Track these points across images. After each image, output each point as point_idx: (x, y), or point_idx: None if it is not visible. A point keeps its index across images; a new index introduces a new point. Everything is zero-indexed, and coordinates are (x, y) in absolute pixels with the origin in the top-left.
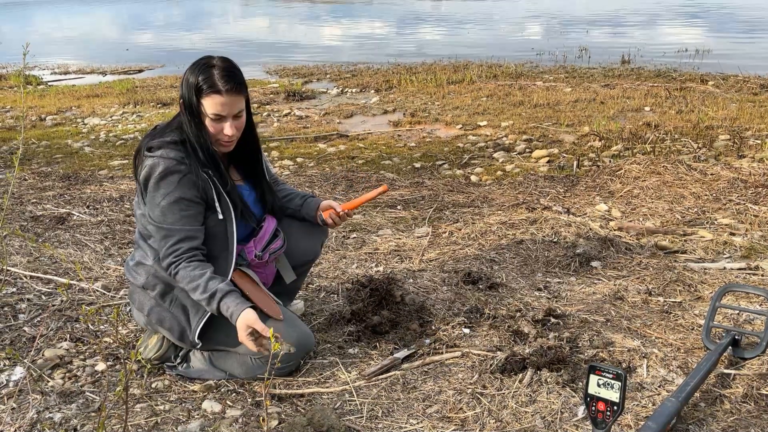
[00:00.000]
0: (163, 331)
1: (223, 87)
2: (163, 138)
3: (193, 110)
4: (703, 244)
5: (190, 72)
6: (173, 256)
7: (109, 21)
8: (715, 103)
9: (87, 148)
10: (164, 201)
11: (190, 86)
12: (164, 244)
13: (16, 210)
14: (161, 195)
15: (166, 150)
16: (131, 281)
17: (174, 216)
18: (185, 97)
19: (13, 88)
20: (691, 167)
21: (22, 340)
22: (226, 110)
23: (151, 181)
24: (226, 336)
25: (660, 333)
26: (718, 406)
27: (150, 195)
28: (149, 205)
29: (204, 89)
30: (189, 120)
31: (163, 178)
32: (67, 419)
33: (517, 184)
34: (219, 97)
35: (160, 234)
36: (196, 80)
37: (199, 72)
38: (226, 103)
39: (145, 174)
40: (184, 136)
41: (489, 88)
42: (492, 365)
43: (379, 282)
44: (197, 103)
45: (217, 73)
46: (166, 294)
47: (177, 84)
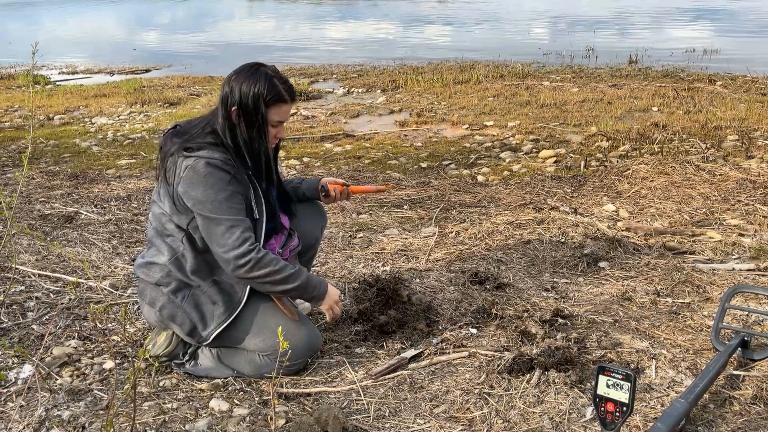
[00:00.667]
0: (174, 327)
1: (289, 96)
2: (201, 140)
3: (258, 119)
4: (712, 244)
5: (249, 81)
6: (249, 244)
7: (116, 21)
8: (723, 103)
9: (95, 148)
10: (221, 195)
11: (256, 96)
12: (232, 234)
13: (24, 209)
14: (216, 190)
15: (208, 151)
16: (143, 278)
17: (233, 209)
18: (247, 107)
19: (22, 88)
20: (700, 168)
21: (31, 338)
22: (287, 117)
23: (200, 178)
24: (237, 332)
25: (669, 334)
26: (727, 407)
27: (203, 192)
28: (202, 202)
29: (272, 99)
30: (247, 127)
31: (214, 175)
32: (75, 417)
33: (524, 184)
34: (286, 106)
35: (224, 225)
36: (262, 90)
37: (263, 82)
38: (288, 111)
39: (189, 174)
40: (222, 141)
41: (496, 88)
42: (499, 365)
43: (385, 282)
44: (264, 111)
45: (280, 83)
46: (179, 290)
47: (184, 84)
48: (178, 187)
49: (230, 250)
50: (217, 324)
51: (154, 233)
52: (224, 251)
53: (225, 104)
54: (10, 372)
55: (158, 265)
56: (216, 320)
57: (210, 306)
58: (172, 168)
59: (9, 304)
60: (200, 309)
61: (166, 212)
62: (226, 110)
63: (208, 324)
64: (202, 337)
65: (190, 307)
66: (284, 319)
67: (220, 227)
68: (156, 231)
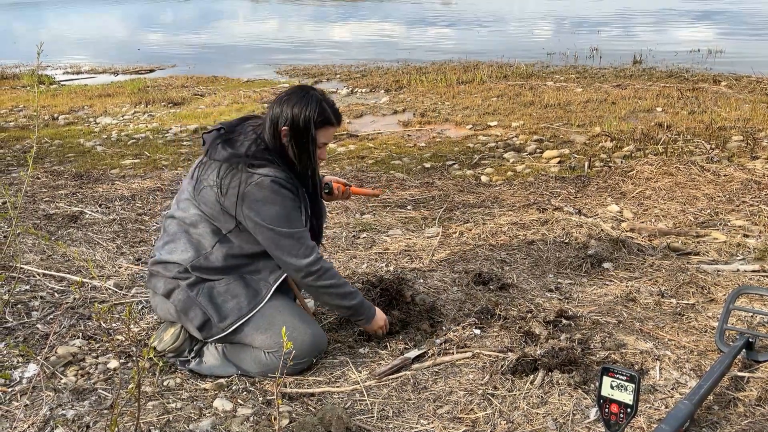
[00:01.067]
0: (185, 321)
1: (336, 120)
2: (261, 156)
3: (307, 141)
4: (717, 245)
5: (300, 104)
6: (317, 254)
7: (120, 21)
8: (728, 103)
9: (99, 147)
10: (286, 210)
11: (306, 118)
12: (301, 245)
13: (29, 208)
14: (282, 206)
15: (271, 169)
16: (160, 272)
17: (298, 222)
18: (299, 129)
19: (26, 88)
20: (704, 168)
21: (36, 337)
22: (331, 138)
23: (267, 195)
24: (247, 328)
25: (673, 335)
26: (731, 409)
27: (269, 208)
28: (270, 217)
29: (322, 122)
30: (296, 147)
31: (280, 192)
32: (79, 416)
33: (527, 185)
34: (332, 129)
35: (295, 237)
36: (314, 113)
37: (314, 105)
38: (333, 133)
39: (254, 189)
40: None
41: (499, 88)
42: (503, 366)
43: (389, 282)
44: (314, 133)
45: (329, 107)
46: (196, 285)
47: (188, 84)
48: (244, 202)
49: (303, 258)
50: (237, 317)
51: (179, 229)
52: (297, 260)
53: (275, 124)
54: (14, 371)
55: (177, 263)
56: (237, 313)
57: (230, 299)
58: (231, 181)
59: (14, 304)
60: (215, 302)
61: (205, 214)
62: (275, 130)
63: (226, 316)
64: (218, 329)
65: (205, 300)
66: (292, 317)
67: (290, 240)
68: (182, 228)
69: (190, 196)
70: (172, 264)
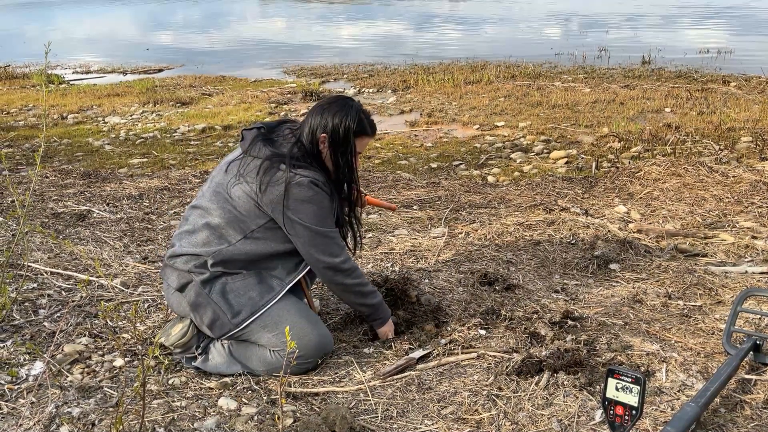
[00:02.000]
0: (196, 316)
1: (371, 131)
2: (301, 157)
3: (347, 147)
4: (725, 247)
5: (341, 114)
6: (346, 253)
7: (129, 21)
8: (737, 104)
9: (107, 147)
10: (323, 211)
11: (346, 128)
12: (334, 243)
13: (37, 207)
14: (320, 206)
15: (312, 171)
16: (177, 266)
17: (330, 223)
18: (337, 135)
19: (36, 87)
20: (713, 169)
21: (42, 335)
22: (365, 148)
23: (308, 196)
24: (255, 325)
25: (680, 337)
26: (738, 411)
27: (308, 207)
28: (307, 215)
29: (359, 131)
30: (335, 154)
31: (320, 194)
32: (85, 414)
33: (534, 185)
34: (369, 139)
35: (329, 237)
36: (352, 125)
37: (354, 116)
38: (367, 143)
39: (296, 189)
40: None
41: (507, 89)
42: (508, 367)
43: (394, 282)
44: (353, 142)
45: (365, 118)
46: (210, 281)
47: (196, 83)
48: (283, 200)
49: (335, 257)
50: (250, 312)
51: (203, 223)
52: (330, 258)
53: (314, 131)
54: (21, 369)
55: (197, 256)
56: (250, 308)
57: (243, 294)
58: (272, 178)
59: (21, 302)
60: (227, 298)
61: (235, 209)
62: (313, 136)
63: (239, 312)
64: (232, 324)
65: (218, 297)
66: (299, 318)
67: (326, 239)
68: (207, 222)
69: (221, 189)
70: (190, 256)
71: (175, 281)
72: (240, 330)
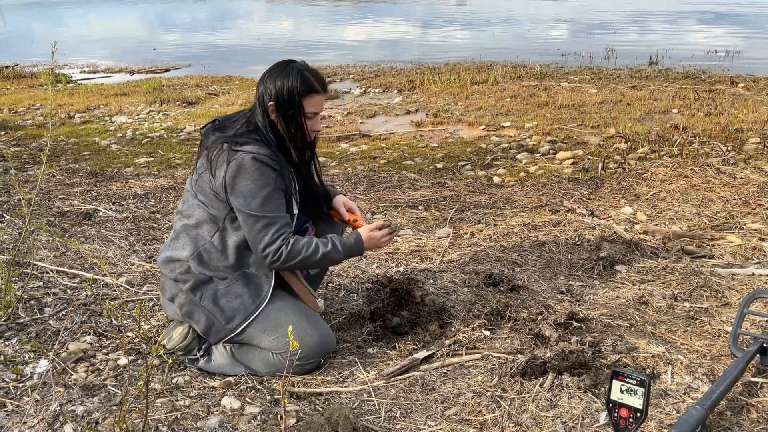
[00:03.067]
0: (192, 324)
1: (321, 87)
2: (247, 136)
3: (293, 112)
4: (732, 249)
5: (282, 76)
6: (282, 240)
7: (137, 21)
8: (745, 105)
9: (114, 146)
10: (263, 191)
11: (290, 89)
12: (268, 231)
13: (44, 205)
14: (260, 186)
15: (254, 146)
16: (165, 273)
17: (273, 205)
18: (283, 101)
19: (44, 86)
20: (720, 171)
21: (47, 333)
22: (320, 108)
23: (246, 174)
24: (253, 329)
25: (685, 339)
26: (744, 415)
27: (247, 187)
28: (244, 197)
29: (306, 90)
30: (284, 121)
31: (260, 170)
32: (89, 412)
33: (540, 186)
34: (318, 96)
35: (262, 222)
36: (295, 83)
37: (295, 76)
38: (321, 102)
39: (235, 167)
40: (265, 138)
41: (513, 89)
42: (512, 368)
43: (399, 282)
44: (299, 103)
45: (311, 75)
46: (198, 288)
47: (202, 83)
48: (226, 181)
49: (266, 247)
50: (244, 317)
51: (181, 227)
52: (261, 248)
53: (262, 102)
54: (26, 367)
55: (179, 260)
56: (243, 313)
57: (234, 299)
58: (217, 161)
59: (27, 300)
60: (219, 304)
61: (203, 203)
62: (263, 107)
63: (233, 317)
64: (226, 330)
65: (209, 303)
66: (298, 318)
67: (258, 224)
68: (184, 225)
69: (190, 188)
70: (174, 262)
71: (168, 291)
72: (236, 335)
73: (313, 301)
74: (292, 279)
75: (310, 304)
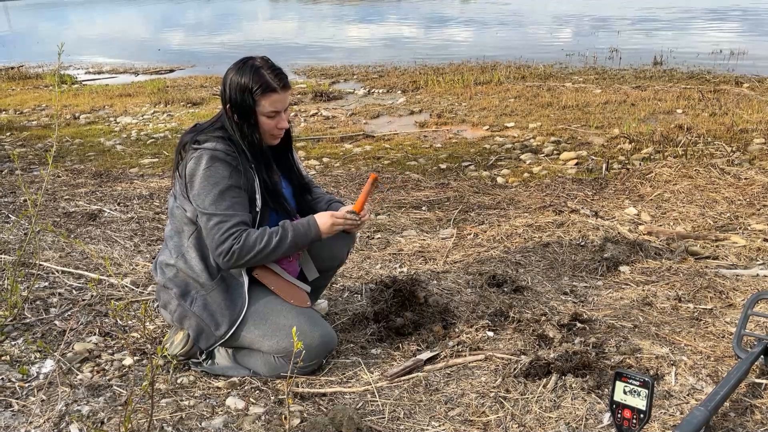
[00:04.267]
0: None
1: (278, 85)
2: (210, 133)
3: (247, 111)
4: (736, 250)
5: (237, 75)
6: (233, 238)
7: (141, 21)
8: (750, 105)
9: (119, 147)
10: (216, 189)
11: (243, 88)
12: (219, 230)
13: (49, 206)
14: (212, 183)
15: (213, 143)
16: (157, 280)
17: (227, 202)
18: (236, 100)
19: (49, 87)
20: (725, 171)
21: (53, 333)
22: (281, 106)
23: (201, 171)
24: (250, 334)
25: (689, 340)
26: (748, 416)
27: (200, 184)
28: (199, 195)
29: (260, 89)
30: (240, 121)
31: (214, 167)
32: (94, 412)
33: (544, 187)
34: (276, 95)
35: (214, 221)
36: (248, 82)
37: (250, 74)
38: (281, 100)
39: (192, 165)
40: (229, 135)
41: (517, 90)
42: (516, 369)
43: (402, 283)
44: (252, 103)
45: (268, 73)
46: (187, 294)
47: (207, 84)
48: (185, 179)
49: (217, 246)
50: (230, 323)
51: (170, 232)
52: (212, 247)
53: (223, 101)
54: (32, 367)
55: (169, 265)
56: (229, 319)
57: (220, 307)
58: (183, 160)
59: (33, 300)
60: (210, 309)
61: (180, 206)
62: (224, 107)
63: (220, 324)
64: (216, 337)
65: (199, 309)
66: (298, 320)
67: (210, 222)
68: (172, 230)
69: (172, 191)
70: (163, 268)
71: (161, 298)
72: (228, 341)
73: (300, 295)
74: (269, 278)
75: (296, 300)
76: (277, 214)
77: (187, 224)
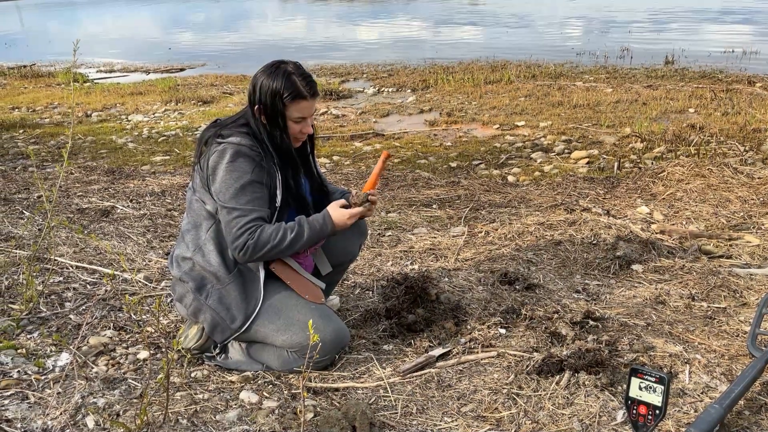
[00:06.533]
0: (199, 322)
1: (308, 93)
2: (234, 128)
3: (275, 114)
4: (750, 249)
5: (269, 79)
6: (249, 233)
7: (152, 20)
8: (762, 105)
9: (130, 144)
10: (238, 183)
11: (273, 93)
12: (237, 224)
13: (63, 202)
14: (235, 177)
15: (238, 137)
16: (173, 273)
17: (247, 197)
18: (266, 102)
19: (61, 85)
20: (738, 170)
21: (68, 327)
22: (308, 112)
23: (224, 164)
24: (264, 329)
25: (703, 339)
26: (763, 414)
27: (222, 178)
28: (220, 188)
29: (291, 96)
30: (268, 123)
31: (237, 161)
32: (110, 404)
33: (555, 185)
34: (305, 102)
35: (233, 215)
36: (280, 87)
37: (282, 79)
38: (309, 107)
39: (216, 158)
40: (254, 132)
41: (527, 88)
42: (528, 366)
43: (414, 280)
44: (282, 108)
45: (299, 80)
46: (203, 287)
47: (217, 83)
48: (208, 171)
49: (233, 240)
50: (245, 317)
51: (187, 225)
52: (230, 241)
53: (251, 102)
54: (48, 360)
55: (185, 259)
56: (244, 313)
57: (236, 300)
58: (206, 154)
59: (48, 294)
60: (225, 303)
61: (200, 199)
62: (251, 107)
63: (235, 318)
64: (231, 330)
65: (215, 302)
66: (312, 314)
67: (229, 216)
68: (187, 223)
69: (192, 184)
70: (180, 261)
71: (176, 291)
72: (243, 333)
73: (315, 291)
74: (286, 272)
75: (311, 296)
76: (295, 211)
77: (206, 218)
